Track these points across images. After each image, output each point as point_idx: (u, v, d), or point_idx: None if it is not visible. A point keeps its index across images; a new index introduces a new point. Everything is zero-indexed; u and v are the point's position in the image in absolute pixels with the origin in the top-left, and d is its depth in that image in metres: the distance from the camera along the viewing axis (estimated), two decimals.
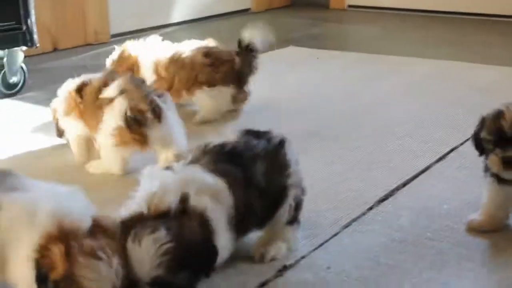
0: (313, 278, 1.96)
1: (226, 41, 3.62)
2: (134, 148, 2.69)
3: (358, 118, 3.42)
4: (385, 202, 2.45)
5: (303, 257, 2.07)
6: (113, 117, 2.65)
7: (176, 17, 6.00)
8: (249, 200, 1.89)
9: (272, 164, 1.98)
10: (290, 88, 4.01)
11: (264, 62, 4.58)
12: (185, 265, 1.67)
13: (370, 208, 2.40)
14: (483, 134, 2.13)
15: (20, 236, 1.64)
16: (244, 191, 1.87)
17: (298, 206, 2.06)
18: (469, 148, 2.86)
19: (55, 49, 4.97)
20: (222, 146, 1.95)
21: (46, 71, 4.37)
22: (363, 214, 2.36)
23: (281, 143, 2.03)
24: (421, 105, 3.60)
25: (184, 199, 1.73)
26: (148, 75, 3.38)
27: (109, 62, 3.57)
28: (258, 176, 1.93)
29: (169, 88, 3.33)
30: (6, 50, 3.85)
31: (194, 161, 1.89)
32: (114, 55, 3.55)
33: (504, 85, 3.95)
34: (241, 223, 1.87)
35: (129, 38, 3.71)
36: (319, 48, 5.01)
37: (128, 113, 2.62)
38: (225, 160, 1.90)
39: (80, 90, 2.82)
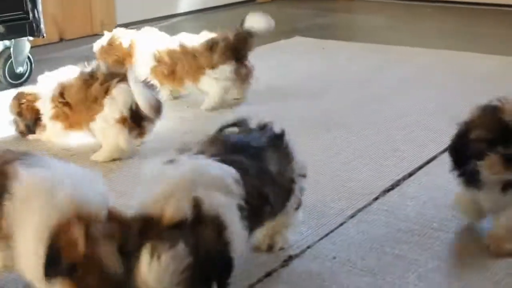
0: (319, 268, 1.96)
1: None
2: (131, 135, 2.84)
3: (365, 108, 3.42)
4: (391, 192, 2.45)
5: (308, 247, 2.07)
6: (116, 106, 2.77)
7: (182, 8, 6.00)
8: (262, 190, 1.84)
9: (279, 154, 1.96)
10: (296, 78, 4.00)
11: (271, 52, 4.60)
12: (202, 279, 1.61)
13: (376, 198, 2.40)
14: (477, 134, 1.94)
15: (33, 211, 1.59)
16: (256, 182, 1.82)
17: (302, 193, 2.06)
18: None
19: (61, 39, 4.98)
20: (228, 137, 1.93)
21: (53, 61, 4.36)
22: (369, 204, 2.36)
23: (283, 133, 2.01)
24: (428, 95, 3.59)
25: (197, 205, 1.63)
26: (144, 63, 3.47)
27: (97, 48, 3.63)
28: (269, 166, 1.90)
29: (170, 75, 3.44)
30: (13, 40, 3.86)
31: (200, 152, 1.84)
32: (104, 41, 3.62)
33: (507, 74, 3.94)
34: (255, 215, 1.81)
35: (136, 29, 3.72)
36: (325, 39, 5.00)
37: (133, 107, 2.76)
38: (234, 151, 1.86)
39: (62, 94, 2.89)
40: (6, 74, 3.87)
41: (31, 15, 3.84)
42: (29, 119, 3.00)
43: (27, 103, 3.00)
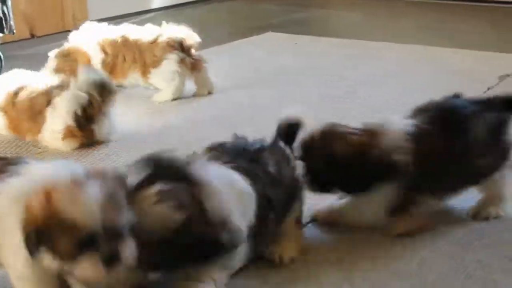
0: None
1: (204, 26, 3.62)
2: None
3: (340, 103, 3.42)
4: None
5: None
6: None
7: (156, 3, 5.97)
8: (271, 195, 1.84)
9: (282, 159, 1.96)
10: (269, 74, 4.00)
11: (242, 48, 4.59)
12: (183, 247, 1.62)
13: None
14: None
15: (14, 220, 1.57)
16: (266, 187, 1.83)
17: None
18: None
19: (32, 36, 4.94)
20: (234, 145, 1.93)
21: (24, 58, 4.33)
22: None
23: (277, 139, 2.01)
24: (401, 90, 3.60)
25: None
26: (95, 56, 3.53)
27: (52, 60, 3.61)
28: (277, 171, 1.90)
29: (113, 67, 3.51)
30: None
31: (215, 159, 1.84)
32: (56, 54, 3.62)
33: (481, 69, 3.96)
34: (263, 223, 1.81)
35: (109, 25, 3.71)
36: (299, 34, 5.00)
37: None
38: (243, 158, 1.87)
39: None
40: None
41: (0, 11, 3.80)
42: None
43: None
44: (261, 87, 3.72)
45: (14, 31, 3.92)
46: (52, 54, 3.62)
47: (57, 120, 2.82)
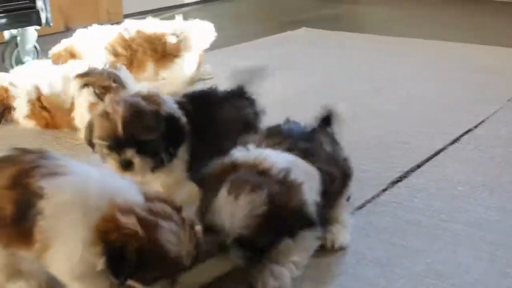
0: (328, 259, 1.96)
1: (237, 21, 3.62)
2: None
3: (373, 99, 3.41)
4: (399, 183, 2.45)
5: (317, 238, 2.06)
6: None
7: None
8: (332, 171, 1.91)
9: (334, 140, 2.06)
10: (304, 69, 3.99)
11: (277, 44, 4.59)
12: (273, 228, 1.67)
13: (384, 190, 2.39)
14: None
15: (73, 223, 1.55)
16: (326, 165, 1.90)
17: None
18: (483, 131, 2.87)
19: (67, 29, 4.97)
20: (290, 127, 2.01)
21: None
22: (377, 195, 2.36)
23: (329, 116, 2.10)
24: (437, 87, 3.58)
25: (287, 171, 1.74)
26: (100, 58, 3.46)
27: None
28: (332, 151, 1.99)
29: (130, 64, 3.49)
30: (20, 29, 3.86)
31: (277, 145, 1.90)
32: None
33: None
34: (327, 202, 1.87)
35: (142, 18, 3.72)
36: (331, 30, 4.99)
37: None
38: (301, 138, 1.94)
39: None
40: (13, 63, 3.86)
41: (37, 4, 3.84)
42: None
43: None
44: (294, 81, 3.72)
45: (51, 23, 3.95)
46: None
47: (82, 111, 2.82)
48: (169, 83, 3.54)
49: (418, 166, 2.59)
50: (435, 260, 1.94)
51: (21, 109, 3.01)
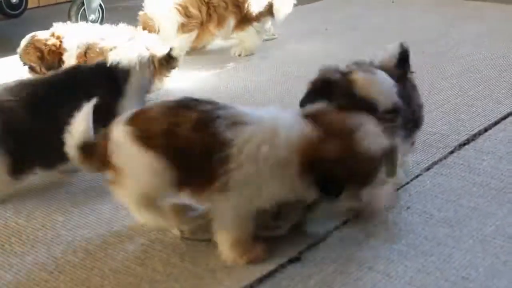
0: (395, 218, 1.97)
1: None
2: None
3: (440, 62, 3.37)
4: (467, 146, 2.43)
5: None
6: None
7: None
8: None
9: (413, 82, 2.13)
10: (368, 31, 3.96)
11: (341, 5, 4.55)
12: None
13: (452, 152, 2.38)
14: None
15: (267, 167, 1.64)
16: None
17: None
18: None
19: None
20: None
21: (123, 10, 4.41)
22: (445, 157, 2.34)
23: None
24: (504, 50, 3.51)
25: None
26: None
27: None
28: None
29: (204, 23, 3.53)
30: None
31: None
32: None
33: None
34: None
35: None
36: None
37: None
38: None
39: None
40: (79, 22, 3.91)
41: None
42: (51, 63, 3.03)
43: (49, 47, 3.02)
44: (357, 42, 3.71)
45: None
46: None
47: None
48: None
49: (486, 130, 2.56)
50: (504, 223, 1.93)
51: (69, 62, 2.99)
